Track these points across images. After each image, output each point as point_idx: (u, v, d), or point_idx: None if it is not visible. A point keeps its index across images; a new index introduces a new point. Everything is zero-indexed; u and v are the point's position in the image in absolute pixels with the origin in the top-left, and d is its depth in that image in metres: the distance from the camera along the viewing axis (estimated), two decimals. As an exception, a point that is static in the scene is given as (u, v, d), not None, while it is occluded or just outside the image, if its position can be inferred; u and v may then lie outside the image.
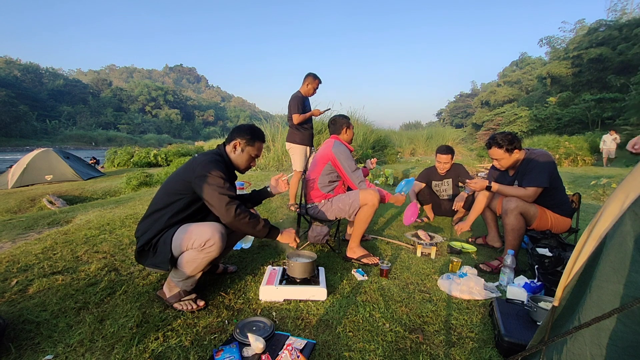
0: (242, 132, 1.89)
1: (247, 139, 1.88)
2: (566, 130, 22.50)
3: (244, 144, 1.88)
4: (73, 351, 1.40)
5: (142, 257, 1.72)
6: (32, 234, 3.20)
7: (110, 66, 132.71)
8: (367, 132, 12.41)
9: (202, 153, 1.87)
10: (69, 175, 9.42)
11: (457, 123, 49.92)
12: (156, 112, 70.96)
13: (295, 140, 3.90)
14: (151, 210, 1.75)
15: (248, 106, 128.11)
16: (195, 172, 1.69)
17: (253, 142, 1.89)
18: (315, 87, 3.87)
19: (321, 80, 3.89)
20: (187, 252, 1.65)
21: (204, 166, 1.69)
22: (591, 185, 6.62)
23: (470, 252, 2.92)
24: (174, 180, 1.77)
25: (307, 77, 3.85)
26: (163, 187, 1.80)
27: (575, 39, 30.62)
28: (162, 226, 1.69)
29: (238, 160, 1.90)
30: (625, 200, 0.94)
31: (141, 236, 1.71)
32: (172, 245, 1.65)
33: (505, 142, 2.45)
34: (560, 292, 1.09)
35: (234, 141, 1.87)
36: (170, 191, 1.74)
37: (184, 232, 1.65)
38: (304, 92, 3.87)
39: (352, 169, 2.55)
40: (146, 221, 1.73)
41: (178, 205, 1.71)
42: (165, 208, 1.71)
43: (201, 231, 1.63)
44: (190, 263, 1.65)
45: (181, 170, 1.79)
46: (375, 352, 1.47)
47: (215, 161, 1.75)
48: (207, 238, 1.61)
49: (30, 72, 63.96)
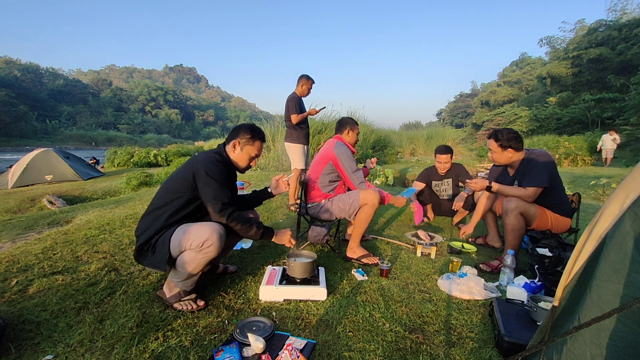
0: (242, 132, 1.89)
1: (247, 138, 1.88)
2: (566, 130, 22.51)
3: (243, 143, 1.88)
4: (73, 351, 1.40)
5: (141, 256, 1.72)
6: (32, 234, 3.20)
7: (110, 66, 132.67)
8: (367, 132, 12.42)
9: (202, 152, 1.87)
10: (69, 175, 9.42)
11: (457, 123, 49.89)
12: (156, 112, 70.92)
13: (294, 140, 4.03)
14: (151, 207, 1.75)
15: (248, 106, 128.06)
16: (194, 171, 1.70)
17: (253, 141, 1.89)
18: (309, 87, 4.01)
19: (314, 80, 4.01)
20: (186, 253, 1.65)
21: (203, 166, 1.70)
22: (591, 185, 6.62)
23: (470, 252, 2.92)
24: (174, 179, 1.77)
25: (301, 79, 3.98)
26: (163, 185, 1.81)
27: (575, 39, 30.61)
28: (161, 224, 1.69)
29: (238, 159, 1.91)
30: (625, 200, 0.94)
31: (141, 235, 1.71)
32: (170, 245, 1.65)
33: (502, 138, 2.46)
34: (560, 292, 1.09)
35: (234, 140, 1.88)
36: (170, 189, 1.75)
37: (182, 233, 1.65)
38: (299, 92, 4.01)
39: (352, 170, 2.55)
40: (146, 219, 1.74)
41: (178, 203, 1.72)
42: (165, 206, 1.72)
43: (199, 232, 1.63)
44: (189, 263, 1.65)
45: (181, 169, 1.80)
46: (375, 352, 1.47)
47: (214, 161, 1.76)
48: (205, 238, 1.61)
49: (30, 72, 63.91)
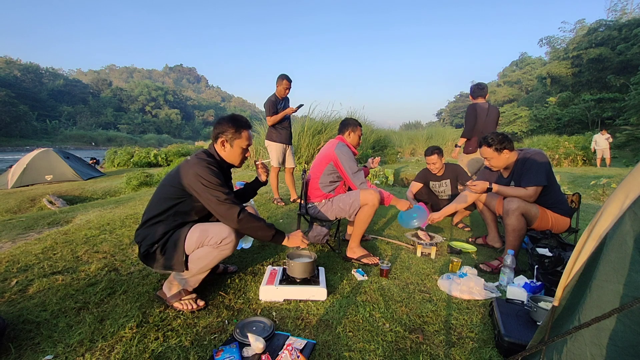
0: (224, 126, 1.78)
1: (232, 131, 1.78)
2: (566, 130, 22.51)
3: (230, 138, 1.79)
4: (73, 351, 1.40)
5: (149, 260, 1.69)
6: (32, 234, 3.20)
7: (110, 66, 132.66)
8: (367, 132, 12.42)
9: (193, 154, 1.80)
10: (69, 175, 9.42)
11: (457, 123, 49.85)
12: (156, 112, 70.93)
13: (273, 139, 4.19)
14: (148, 216, 1.71)
15: (248, 106, 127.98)
16: (188, 177, 1.65)
17: (239, 132, 1.80)
18: (285, 87, 4.09)
19: (290, 79, 4.10)
20: (202, 249, 1.64)
21: (196, 171, 1.65)
22: (591, 185, 6.62)
23: (470, 252, 2.92)
24: (168, 185, 1.72)
25: (278, 79, 4.10)
26: (157, 193, 1.76)
27: (575, 39, 30.61)
28: (166, 228, 1.67)
29: (230, 157, 1.84)
30: (625, 200, 0.94)
31: (142, 241, 1.69)
32: (186, 244, 1.64)
33: (494, 142, 2.47)
34: (560, 292, 1.09)
35: (220, 138, 1.79)
36: (165, 196, 1.71)
37: (199, 230, 1.65)
38: (277, 93, 4.12)
39: (353, 171, 2.55)
40: (144, 228, 1.71)
41: (177, 208, 1.69)
42: (163, 214, 1.69)
43: (220, 230, 1.65)
44: (202, 259, 1.65)
45: (174, 173, 1.75)
46: (375, 352, 1.47)
47: (207, 164, 1.69)
48: (225, 236, 1.64)
49: (30, 72, 63.91)
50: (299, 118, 9.80)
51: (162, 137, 55.08)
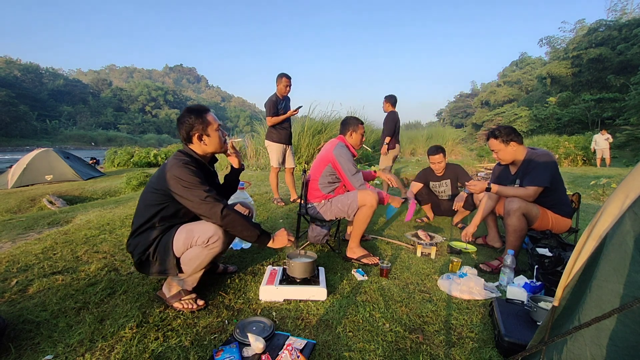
0: (189, 122, 1.71)
1: (199, 122, 1.71)
2: (566, 130, 22.52)
3: (202, 129, 1.72)
4: (73, 351, 1.40)
5: (143, 267, 1.69)
6: (32, 234, 3.20)
7: (110, 66, 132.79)
8: (367, 132, 12.41)
9: (171, 157, 1.74)
10: (69, 175, 9.41)
11: (457, 123, 49.91)
12: (156, 112, 70.95)
13: (273, 139, 4.19)
14: (136, 225, 1.69)
15: (248, 106, 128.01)
16: (168, 180, 1.62)
17: (205, 119, 1.73)
18: (285, 84, 4.09)
19: (289, 76, 4.09)
20: (191, 249, 1.64)
21: (174, 173, 1.62)
22: (591, 185, 6.61)
23: (470, 252, 2.92)
24: (150, 191, 1.70)
25: (277, 78, 4.08)
26: (141, 200, 1.74)
27: (575, 39, 30.64)
28: (155, 234, 1.66)
29: (212, 145, 1.77)
30: (625, 200, 0.94)
31: (134, 250, 1.68)
32: (174, 246, 1.63)
33: (501, 134, 2.47)
34: (560, 292, 1.09)
35: (193, 136, 1.73)
36: (149, 203, 1.68)
37: (185, 231, 1.64)
38: (278, 92, 4.11)
39: (351, 173, 2.54)
40: (134, 238, 1.69)
41: (162, 214, 1.67)
42: (149, 221, 1.67)
43: (205, 228, 1.63)
44: (194, 260, 1.65)
45: (154, 178, 1.72)
46: (375, 352, 1.47)
47: (183, 164, 1.65)
48: (211, 234, 1.61)
49: (30, 72, 63.95)
50: (299, 118, 9.80)
51: (162, 137, 55.12)
